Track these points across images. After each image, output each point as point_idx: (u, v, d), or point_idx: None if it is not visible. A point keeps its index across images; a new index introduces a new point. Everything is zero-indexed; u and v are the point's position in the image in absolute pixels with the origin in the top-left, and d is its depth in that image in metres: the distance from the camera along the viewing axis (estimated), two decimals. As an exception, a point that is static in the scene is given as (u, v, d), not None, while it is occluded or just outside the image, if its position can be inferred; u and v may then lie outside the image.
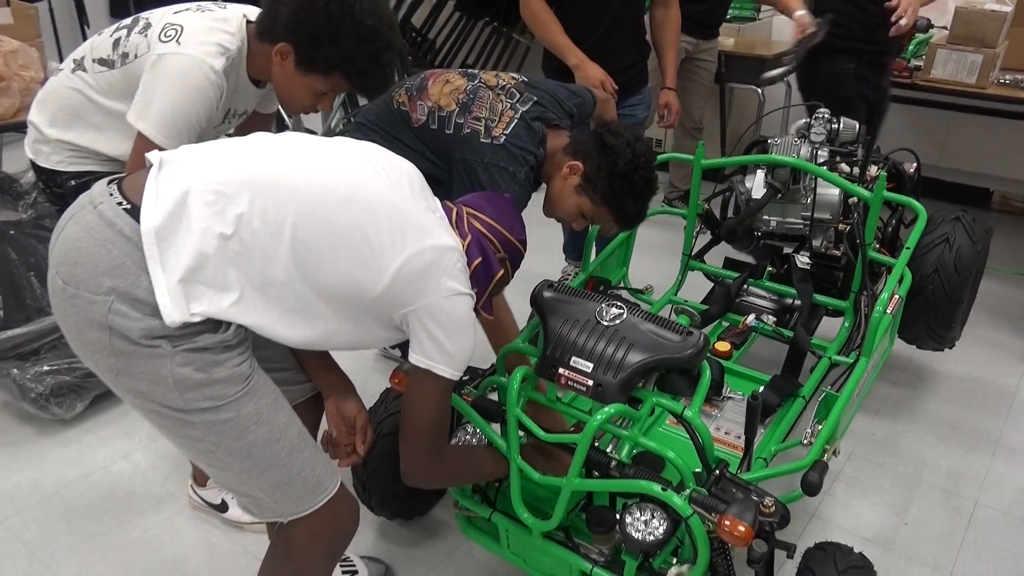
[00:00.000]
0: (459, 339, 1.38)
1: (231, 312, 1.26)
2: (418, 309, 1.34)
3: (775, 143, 2.43)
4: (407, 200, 1.39)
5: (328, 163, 1.37)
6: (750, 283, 2.57)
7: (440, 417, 1.46)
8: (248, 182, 1.28)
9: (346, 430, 1.60)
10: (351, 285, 1.32)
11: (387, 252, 1.31)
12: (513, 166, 1.87)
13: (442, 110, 1.94)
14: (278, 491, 1.34)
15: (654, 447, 1.56)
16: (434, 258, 1.34)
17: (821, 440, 1.75)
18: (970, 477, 2.36)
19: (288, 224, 1.27)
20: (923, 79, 3.40)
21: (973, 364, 2.88)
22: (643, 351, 1.59)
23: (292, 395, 1.59)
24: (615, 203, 1.85)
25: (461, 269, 1.40)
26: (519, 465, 1.64)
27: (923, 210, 2.23)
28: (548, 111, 1.98)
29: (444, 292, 1.34)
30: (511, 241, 1.57)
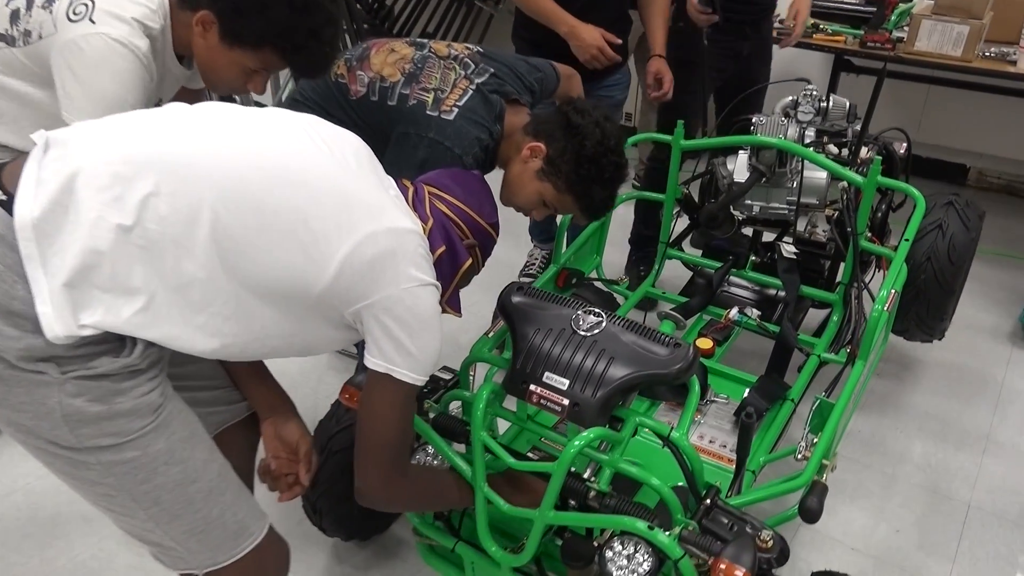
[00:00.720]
0: (423, 338, 1.19)
1: (134, 322, 1.04)
2: (373, 304, 1.14)
3: (759, 122, 2.24)
4: (353, 176, 1.19)
5: (255, 136, 1.15)
6: (732, 273, 2.40)
7: (402, 429, 1.27)
8: (154, 160, 1.06)
9: (287, 457, 1.40)
10: (290, 278, 1.11)
11: (332, 238, 1.11)
12: (460, 148, 1.66)
13: (385, 80, 1.72)
14: (192, 540, 1.14)
15: (636, 474, 1.39)
16: (390, 243, 1.15)
17: (817, 456, 1.59)
18: (961, 477, 2.24)
19: (206, 209, 1.06)
20: (906, 51, 3.24)
21: (958, 351, 2.77)
22: (626, 366, 1.41)
23: (223, 417, 1.39)
24: (581, 190, 1.65)
25: (423, 256, 1.20)
26: (485, 494, 1.45)
27: (921, 197, 2.07)
28: (507, 84, 1.77)
29: (404, 283, 1.15)
30: (481, 225, 1.38)
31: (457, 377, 1.69)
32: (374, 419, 1.24)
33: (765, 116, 2.27)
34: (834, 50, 3.50)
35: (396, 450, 1.27)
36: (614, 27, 2.44)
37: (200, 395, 1.33)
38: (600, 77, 2.43)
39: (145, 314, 1.04)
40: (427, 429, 1.53)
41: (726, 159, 2.34)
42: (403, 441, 1.29)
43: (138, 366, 1.06)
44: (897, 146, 2.42)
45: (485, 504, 1.46)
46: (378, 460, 1.26)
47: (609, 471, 1.41)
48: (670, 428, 1.40)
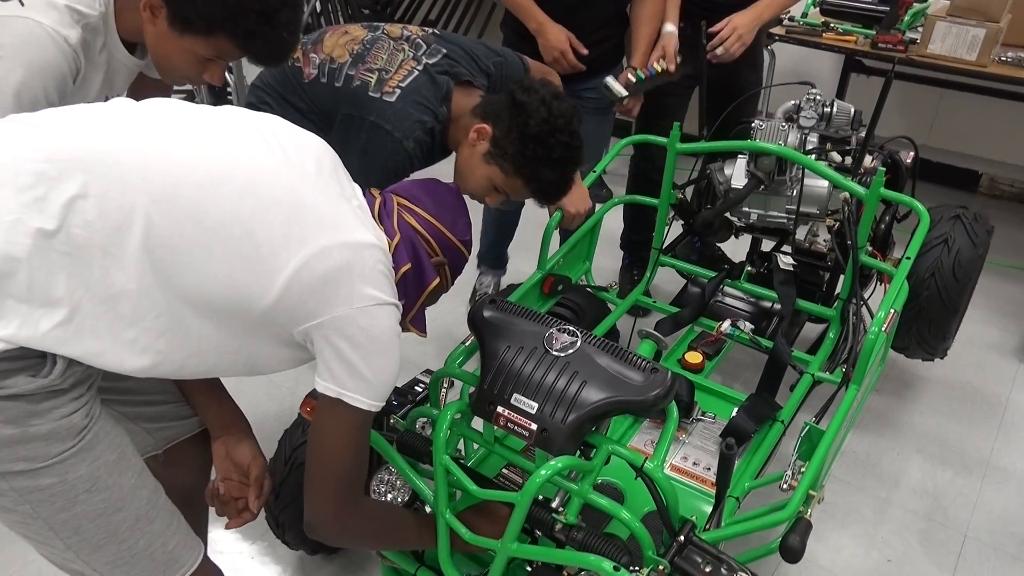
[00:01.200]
0: (378, 361, 1.11)
1: (54, 336, 0.95)
2: (323, 324, 1.06)
3: (759, 127, 2.14)
4: (310, 184, 1.10)
5: (201, 137, 1.06)
6: (726, 283, 2.31)
7: (354, 458, 1.19)
8: (83, 159, 0.97)
9: (238, 480, 1.32)
10: (231, 293, 1.03)
11: (279, 251, 1.03)
12: (401, 132, 1.59)
13: (333, 62, 1.67)
14: (116, 571, 1.07)
15: (606, 507, 1.30)
16: (345, 258, 1.06)
17: (803, 487, 1.50)
18: (959, 504, 2.14)
19: (138, 215, 0.97)
20: (919, 54, 3.12)
21: (962, 368, 2.66)
22: (599, 390, 1.31)
23: (173, 432, 1.31)
24: (528, 172, 1.58)
25: (383, 273, 1.11)
26: (447, 521, 1.37)
27: (925, 212, 1.97)
28: (459, 65, 1.70)
29: (358, 302, 1.07)
30: (452, 242, 1.29)
31: (427, 392, 1.60)
32: (324, 447, 1.16)
33: (765, 120, 2.17)
34: (844, 50, 3.38)
35: (348, 481, 1.19)
36: (606, 28, 2.33)
37: (147, 410, 1.26)
38: (591, 77, 2.32)
39: (67, 328, 0.96)
40: (387, 447, 1.45)
41: (723, 164, 2.24)
42: (356, 471, 1.20)
43: (59, 386, 0.97)
44: (904, 155, 2.31)
45: (447, 530, 1.38)
46: (328, 491, 1.18)
47: (578, 501, 1.33)
48: (644, 459, 1.31)
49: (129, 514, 1.05)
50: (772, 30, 3.55)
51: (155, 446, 1.28)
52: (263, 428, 2.04)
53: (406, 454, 1.49)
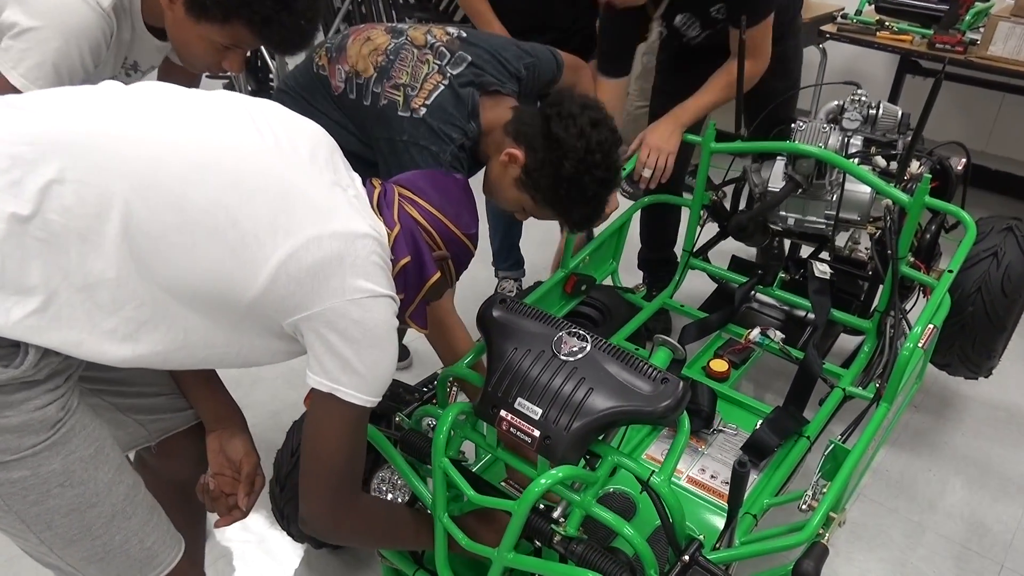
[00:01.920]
0: (372, 355, 1.07)
1: (27, 325, 0.93)
2: (313, 316, 1.02)
3: (799, 128, 2.05)
4: (302, 171, 1.06)
5: (188, 122, 1.03)
6: (758, 290, 2.22)
7: (349, 455, 1.15)
8: (61, 142, 0.95)
9: (231, 475, 1.29)
10: (215, 283, 1.00)
11: (265, 240, 0.99)
12: (437, 145, 1.52)
13: (359, 76, 1.59)
14: (91, 567, 1.05)
15: (609, 520, 1.24)
16: (336, 249, 1.02)
17: (823, 508, 1.42)
18: (996, 532, 2.03)
19: (117, 201, 0.94)
20: (979, 56, 2.97)
21: (1009, 389, 2.53)
22: (606, 399, 1.26)
23: (167, 424, 1.29)
24: (560, 208, 1.52)
25: (377, 264, 1.07)
26: (445, 525, 1.33)
27: (972, 223, 1.85)
28: (485, 74, 1.61)
29: (351, 294, 1.03)
30: (456, 236, 1.25)
31: (435, 389, 1.56)
32: (318, 442, 1.13)
33: (806, 121, 2.07)
34: (899, 50, 3.24)
35: (343, 477, 1.15)
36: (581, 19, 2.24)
37: (140, 402, 1.23)
38: None
39: (41, 316, 0.93)
40: (388, 446, 1.41)
41: (760, 165, 2.15)
42: (351, 467, 1.17)
43: (32, 377, 0.95)
44: (955, 161, 2.19)
45: (444, 535, 1.34)
46: (322, 487, 1.15)
47: (579, 513, 1.27)
48: (651, 472, 1.25)
49: (104, 510, 1.03)
50: (823, 27, 3.43)
51: (148, 438, 1.26)
52: (281, 417, 2.04)
53: (409, 454, 1.45)
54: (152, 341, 1.01)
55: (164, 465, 1.33)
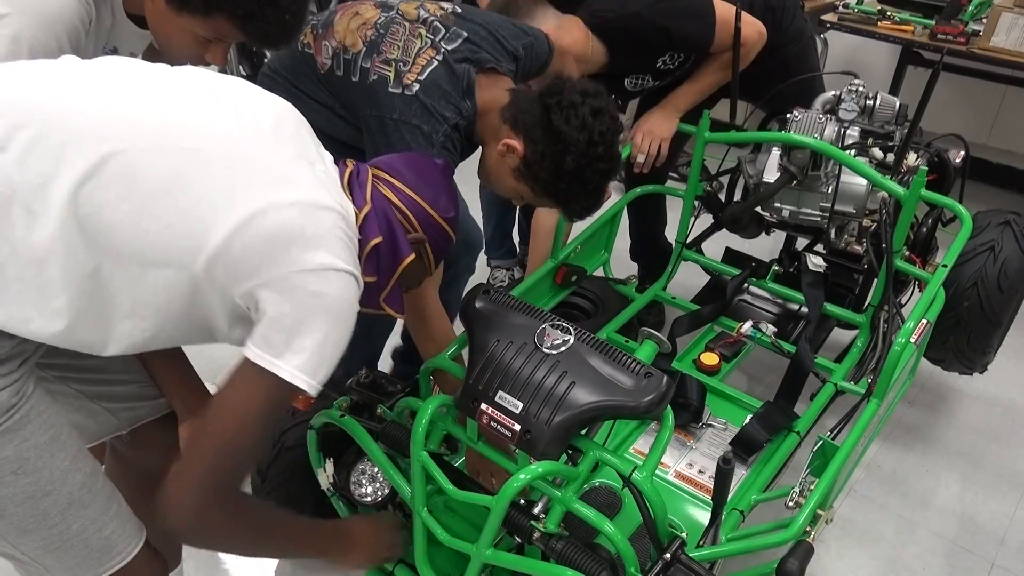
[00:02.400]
0: (323, 332, 0.99)
1: None
2: (269, 282, 0.96)
3: (794, 118, 2.01)
4: (263, 141, 1.02)
5: (140, 91, 0.99)
6: (751, 282, 2.19)
7: (253, 443, 1.03)
8: (5, 111, 0.92)
9: None
10: (166, 251, 0.95)
11: (219, 204, 0.95)
12: (429, 124, 1.46)
13: (347, 51, 1.53)
14: (48, 556, 1.02)
15: (590, 517, 1.22)
16: (297, 217, 0.97)
17: (810, 507, 1.40)
18: (989, 530, 2.00)
19: (63, 170, 0.91)
20: (981, 47, 2.93)
21: (1005, 384, 2.50)
22: (588, 393, 1.23)
23: (139, 413, 1.26)
24: (561, 199, 1.47)
25: (341, 240, 1.02)
26: (424, 519, 1.31)
27: (968, 216, 1.82)
28: (481, 51, 1.55)
29: (311, 264, 0.97)
30: (433, 219, 1.21)
31: (416, 382, 1.54)
32: (228, 420, 0.99)
33: (802, 112, 2.03)
34: (900, 41, 3.20)
35: (237, 466, 1.02)
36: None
37: (110, 389, 1.21)
38: None
39: None
40: (366, 438, 1.39)
41: (755, 156, 2.12)
42: (250, 458, 1.07)
43: None
44: (953, 154, 2.16)
45: (424, 530, 1.32)
46: (210, 474, 0.99)
47: (560, 509, 1.25)
48: (633, 467, 1.23)
49: (60, 498, 1.00)
50: (824, 17, 3.38)
51: (119, 426, 1.23)
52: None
53: (389, 447, 1.43)
54: (101, 319, 0.97)
55: (137, 454, 1.30)
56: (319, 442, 1.54)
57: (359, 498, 1.48)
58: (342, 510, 1.54)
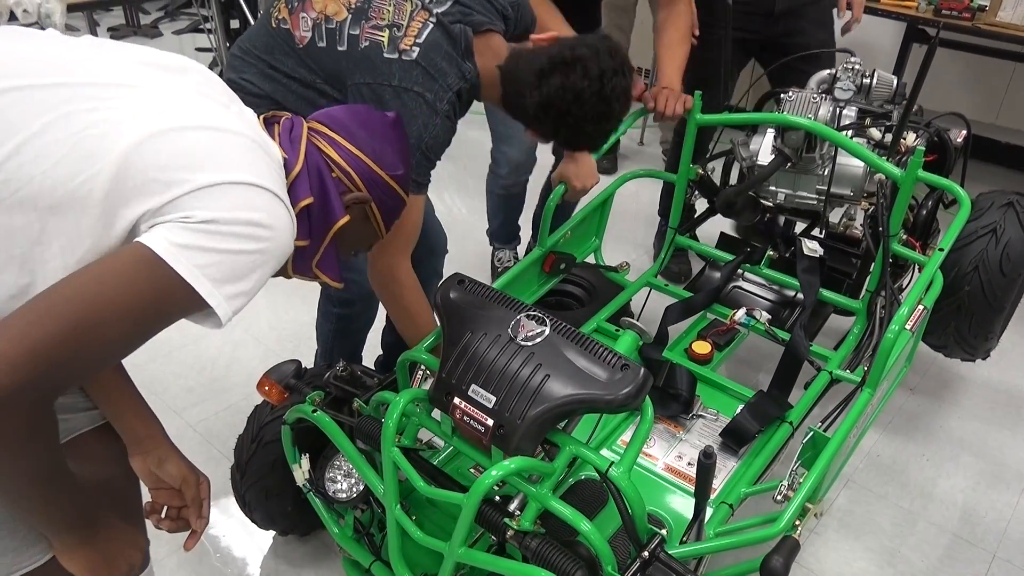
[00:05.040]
0: (236, 248, 0.86)
1: None
2: (178, 202, 0.84)
3: (788, 98, 1.95)
4: (167, 81, 0.93)
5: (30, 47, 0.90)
6: (745, 268, 2.13)
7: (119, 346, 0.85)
8: None
9: (170, 487, 1.16)
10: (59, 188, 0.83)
11: (109, 132, 0.84)
12: (432, 92, 1.41)
13: (330, 20, 1.47)
14: None
15: (566, 515, 1.18)
16: (207, 139, 0.88)
17: (798, 501, 1.35)
18: (990, 521, 1.95)
19: None
20: (987, 23, 2.84)
21: (1009, 371, 2.44)
22: (563, 386, 1.19)
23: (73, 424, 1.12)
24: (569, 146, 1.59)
25: (264, 160, 0.94)
26: (397, 516, 1.27)
27: (966, 198, 1.76)
28: (473, 12, 1.50)
29: (226, 178, 0.86)
30: (379, 176, 1.13)
31: (393, 376, 1.50)
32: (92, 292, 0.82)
33: (796, 91, 1.97)
34: (903, 17, 3.11)
35: (73, 354, 0.80)
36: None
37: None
38: None
39: None
40: (337, 432, 1.35)
41: (751, 137, 2.06)
42: (95, 353, 0.83)
43: None
44: (955, 133, 2.09)
45: (398, 528, 1.28)
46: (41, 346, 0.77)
47: (535, 506, 1.21)
48: (610, 463, 1.18)
49: None
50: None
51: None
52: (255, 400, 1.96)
53: (365, 442, 1.39)
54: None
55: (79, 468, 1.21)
56: (296, 437, 1.51)
57: (333, 494, 1.45)
58: (318, 506, 1.51)
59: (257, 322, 2.57)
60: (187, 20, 5.72)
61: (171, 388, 2.26)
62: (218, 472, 1.88)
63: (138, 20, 5.59)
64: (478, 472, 1.58)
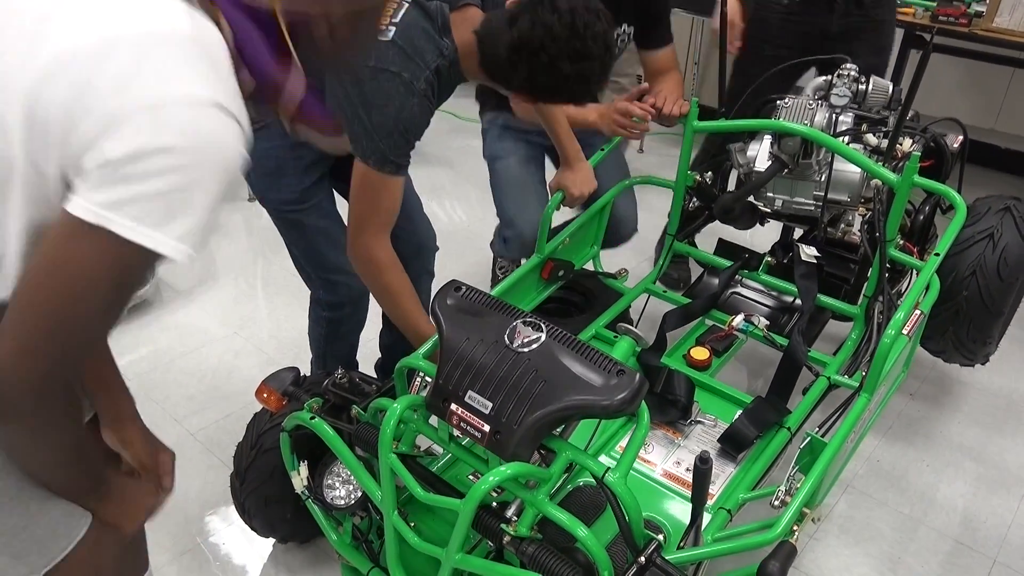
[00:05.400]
0: (184, 183, 0.76)
1: None
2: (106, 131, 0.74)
3: (783, 105, 1.96)
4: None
5: None
6: (743, 274, 2.14)
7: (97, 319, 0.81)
8: None
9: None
10: None
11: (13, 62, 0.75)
12: (409, 72, 1.43)
13: None
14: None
15: (563, 520, 1.18)
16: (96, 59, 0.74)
17: (795, 506, 1.35)
18: (990, 526, 1.95)
19: None
20: (984, 28, 2.85)
21: (1009, 376, 2.44)
22: (558, 393, 1.19)
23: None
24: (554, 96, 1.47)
25: (198, 63, 0.78)
26: (395, 523, 1.28)
27: (962, 203, 1.76)
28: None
29: (126, 106, 0.74)
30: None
31: (392, 383, 1.50)
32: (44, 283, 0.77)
33: (792, 97, 1.98)
34: (900, 24, 3.11)
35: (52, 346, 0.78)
36: None
37: None
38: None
39: None
40: (335, 440, 1.35)
41: (748, 144, 2.07)
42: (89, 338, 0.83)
43: None
44: (952, 138, 2.10)
45: (395, 534, 1.29)
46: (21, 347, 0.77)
47: (532, 512, 1.21)
48: (606, 469, 1.19)
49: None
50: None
51: None
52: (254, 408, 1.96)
53: (363, 449, 1.40)
54: None
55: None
56: (295, 445, 1.52)
57: (331, 501, 1.45)
58: (317, 513, 1.51)
59: (258, 331, 2.58)
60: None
61: (172, 396, 2.27)
62: (219, 480, 1.90)
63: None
64: (476, 479, 1.59)
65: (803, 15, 2.36)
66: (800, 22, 2.36)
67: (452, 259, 2.00)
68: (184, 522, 1.87)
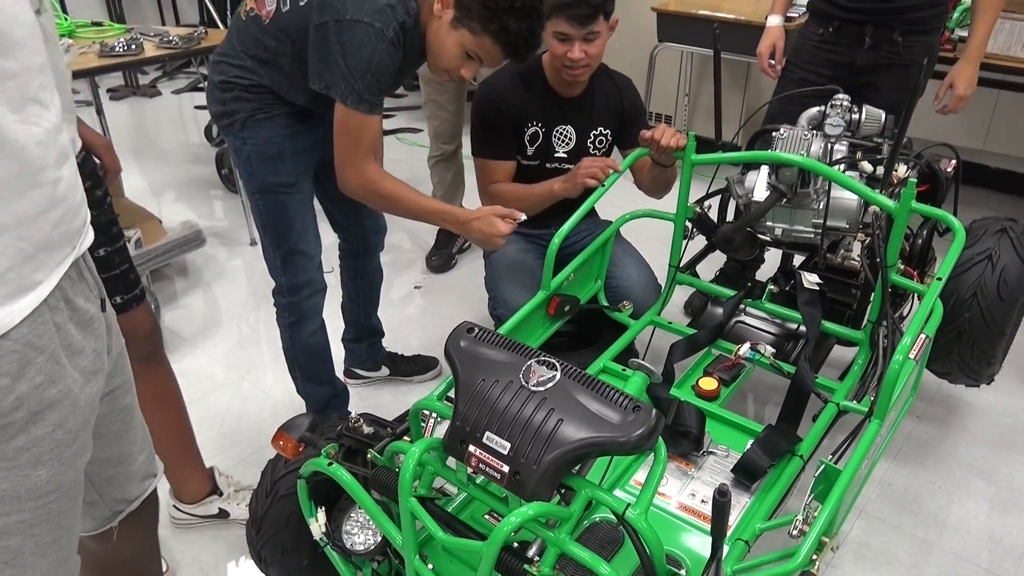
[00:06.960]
0: None
1: None
2: None
3: (780, 136, 1.99)
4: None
5: None
6: (747, 303, 2.16)
7: None
8: None
9: None
10: None
11: None
12: (380, 22, 1.63)
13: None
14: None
15: (585, 559, 1.18)
16: None
17: (814, 534, 1.36)
18: (1006, 546, 1.95)
19: None
20: (968, 54, 2.90)
21: (1014, 394, 2.45)
22: (576, 430, 1.20)
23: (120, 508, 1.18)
24: (495, 26, 1.65)
25: None
26: (416, 568, 1.27)
27: (961, 228, 1.79)
28: None
29: None
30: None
31: (406, 425, 1.51)
32: None
33: (788, 128, 2.02)
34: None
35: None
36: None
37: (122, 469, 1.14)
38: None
39: None
40: (354, 485, 1.36)
41: (743, 176, 2.10)
42: None
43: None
44: (945, 163, 2.14)
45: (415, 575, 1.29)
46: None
47: (554, 551, 1.22)
48: (626, 505, 1.19)
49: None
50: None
51: (97, 523, 1.15)
52: (265, 453, 1.96)
53: (381, 492, 1.40)
54: None
55: (104, 550, 1.21)
56: (311, 491, 1.52)
57: (351, 547, 1.45)
58: (336, 560, 1.51)
59: (263, 375, 2.58)
60: (185, 80, 5.82)
61: (181, 445, 2.26)
62: (233, 528, 1.89)
63: (137, 81, 5.69)
64: (493, 518, 1.59)
65: (835, 44, 2.48)
66: (831, 51, 2.49)
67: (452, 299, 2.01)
68: (196, 559, 1.86)
